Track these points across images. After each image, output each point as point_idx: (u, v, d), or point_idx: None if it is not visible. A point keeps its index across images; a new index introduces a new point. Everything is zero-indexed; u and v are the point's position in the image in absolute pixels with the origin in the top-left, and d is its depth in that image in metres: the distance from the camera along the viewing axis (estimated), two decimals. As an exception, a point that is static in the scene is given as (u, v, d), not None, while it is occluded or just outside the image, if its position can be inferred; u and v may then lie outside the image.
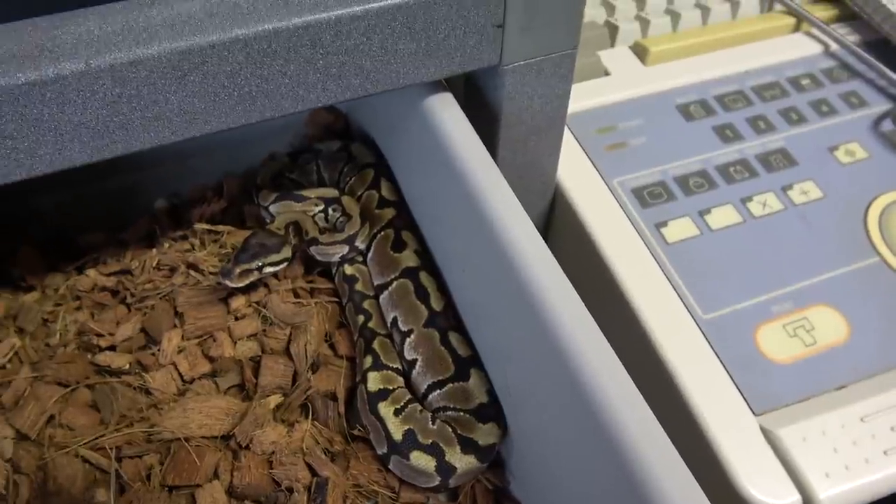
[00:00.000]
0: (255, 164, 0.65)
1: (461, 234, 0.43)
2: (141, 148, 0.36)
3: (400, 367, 0.47)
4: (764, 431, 0.42)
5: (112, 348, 0.48)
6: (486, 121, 0.46)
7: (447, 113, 0.42)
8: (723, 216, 0.51)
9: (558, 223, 0.55)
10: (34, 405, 0.44)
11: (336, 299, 0.52)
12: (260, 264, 0.47)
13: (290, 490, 0.41)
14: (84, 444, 0.42)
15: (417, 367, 0.46)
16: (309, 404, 0.45)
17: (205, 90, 0.35)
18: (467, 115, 0.42)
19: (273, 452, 0.42)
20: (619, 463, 0.29)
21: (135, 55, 0.33)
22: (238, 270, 0.46)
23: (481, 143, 0.41)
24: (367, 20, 0.36)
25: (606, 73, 0.61)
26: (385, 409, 0.43)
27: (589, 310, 0.33)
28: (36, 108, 0.32)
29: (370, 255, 0.52)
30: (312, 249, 0.51)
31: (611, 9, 0.66)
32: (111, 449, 0.42)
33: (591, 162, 0.54)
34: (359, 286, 0.51)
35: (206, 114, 0.36)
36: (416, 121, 0.45)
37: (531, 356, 0.36)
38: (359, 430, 0.45)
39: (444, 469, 0.42)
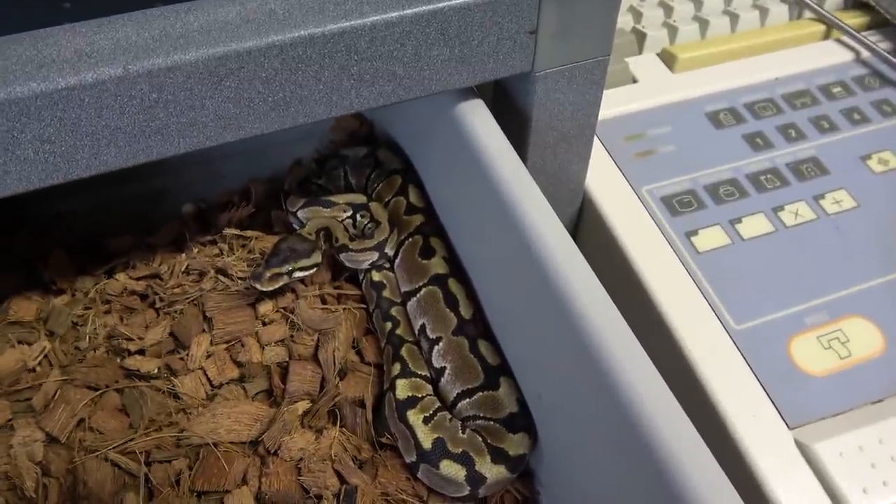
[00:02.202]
0: (279, 169, 0.65)
1: (492, 240, 0.43)
2: (175, 153, 0.36)
3: (428, 375, 0.47)
4: (799, 445, 0.41)
5: (141, 352, 0.48)
6: (515, 127, 0.45)
7: (478, 119, 0.42)
8: (754, 225, 0.51)
9: (586, 231, 0.54)
10: (64, 408, 0.44)
11: (363, 306, 0.52)
12: (290, 269, 0.47)
13: (319, 497, 0.41)
14: (114, 448, 0.42)
15: (446, 375, 0.46)
16: (337, 411, 0.45)
17: (240, 96, 0.35)
18: (496, 121, 0.42)
19: (301, 459, 0.42)
20: (658, 476, 0.28)
21: (172, 61, 0.33)
22: (269, 274, 0.46)
23: (513, 150, 0.40)
24: (401, 26, 0.36)
25: (634, 81, 0.61)
26: (414, 416, 0.43)
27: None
28: (74, 112, 0.32)
29: (397, 261, 0.52)
30: (342, 256, 0.51)
31: (638, 16, 0.65)
32: (141, 453, 0.42)
33: (620, 169, 0.54)
34: (386, 293, 0.51)
35: (241, 119, 0.36)
36: (447, 127, 0.45)
37: (564, 365, 0.36)
38: (387, 437, 0.45)
39: (474, 478, 0.41)
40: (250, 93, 0.35)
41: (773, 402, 0.42)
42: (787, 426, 0.41)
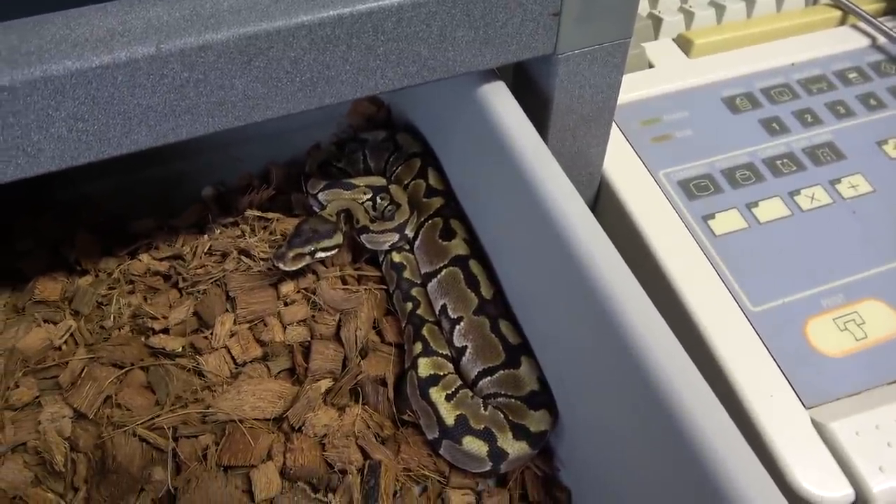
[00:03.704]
0: (297, 153, 0.66)
1: (515, 221, 0.43)
2: (204, 132, 0.37)
3: (449, 354, 0.48)
4: (816, 425, 0.41)
5: (165, 331, 0.48)
6: (536, 109, 0.46)
7: (501, 102, 0.42)
8: (771, 209, 0.51)
9: (604, 214, 0.55)
10: (91, 385, 0.45)
11: (383, 286, 0.53)
12: (313, 249, 0.48)
13: (343, 472, 0.41)
14: (141, 423, 0.43)
15: (467, 354, 0.47)
16: (359, 389, 0.46)
17: (269, 75, 0.35)
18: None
19: (325, 435, 0.43)
20: (683, 450, 0.29)
21: (204, 40, 0.33)
22: (291, 254, 0.47)
23: (536, 133, 0.41)
24: (428, 7, 0.36)
25: (650, 66, 0.61)
26: (436, 394, 0.44)
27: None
28: (107, 91, 0.33)
29: (417, 243, 0.53)
30: (363, 237, 0.52)
31: (654, 1, 0.66)
32: (167, 429, 0.43)
33: (637, 154, 0.54)
34: (406, 274, 0.51)
35: (269, 99, 0.37)
36: (468, 109, 0.45)
37: (587, 343, 0.36)
38: (408, 415, 0.45)
39: (496, 454, 0.42)
40: (279, 72, 0.36)
41: (789, 382, 0.43)
42: (804, 406, 0.42)
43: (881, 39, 0.62)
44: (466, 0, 0.37)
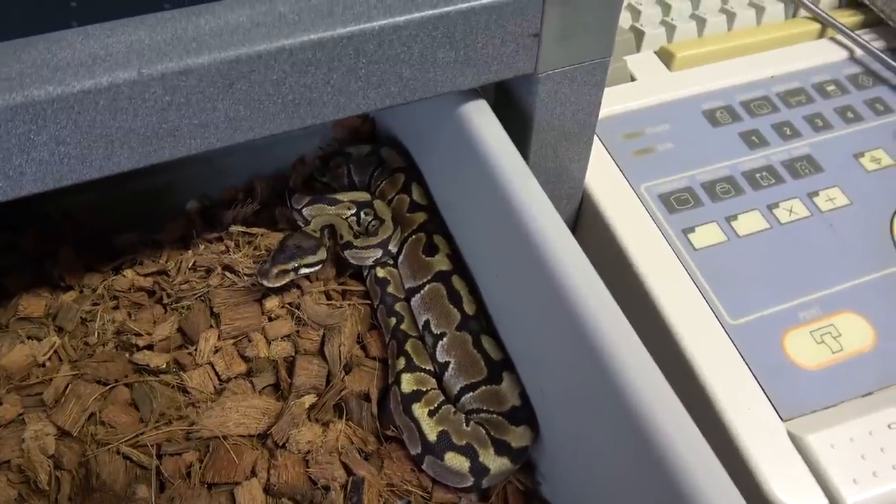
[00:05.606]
0: (281, 166, 0.66)
1: (495, 238, 0.44)
2: (187, 153, 0.37)
3: (432, 369, 0.48)
4: (792, 437, 0.42)
5: (150, 347, 0.48)
6: (517, 126, 0.46)
7: (482, 120, 0.43)
8: (750, 222, 0.52)
9: (585, 228, 0.55)
10: (75, 403, 0.45)
11: (367, 301, 0.53)
12: (296, 265, 0.48)
13: (327, 489, 0.42)
14: (125, 441, 0.43)
15: (450, 369, 0.47)
16: (343, 405, 0.46)
17: (251, 98, 0.36)
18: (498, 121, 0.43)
19: (309, 452, 0.43)
20: (655, 466, 0.29)
21: (185, 64, 0.33)
22: (275, 271, 0.47)
23: (517, 151, 0.41)
24: (409, 30, 0.37)
25: (632, 79, 0.62)
26: (419, 410, 0.44)
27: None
28: (89, 115, 0.33)
29: (401, 258, 0.53)
30: (347, 253, 0.52)
31: (636, 14, 0.66)
32: (152, 446, 0.43)
33: (619, 167, 0.55)
34: (391, 289, 0.52)
35: (251, 121, 0.37)
36: (451, 127, 0.45)
37: (567, 360, 0.37)
38: (392, 430, 0.46)
39: (478, 470, 0.42)
40: (260, 95, 0.36)
41: (766, 394, 0.43)
42: (781, 418, 0.43)
43: (858, 52, 0.63)
44: (447, 22, 0.37)
